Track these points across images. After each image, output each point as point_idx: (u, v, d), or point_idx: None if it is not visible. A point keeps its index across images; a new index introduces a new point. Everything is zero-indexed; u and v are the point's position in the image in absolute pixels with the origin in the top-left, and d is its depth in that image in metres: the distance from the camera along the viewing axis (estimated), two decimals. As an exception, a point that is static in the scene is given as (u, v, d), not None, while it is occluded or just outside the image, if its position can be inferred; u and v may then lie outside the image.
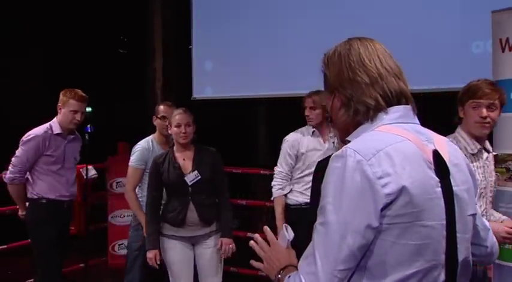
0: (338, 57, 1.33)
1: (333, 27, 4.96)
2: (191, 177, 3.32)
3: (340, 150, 1.21)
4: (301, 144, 3.64)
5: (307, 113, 3.62)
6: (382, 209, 1.14)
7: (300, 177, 3.64)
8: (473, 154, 2.46)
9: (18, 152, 3.58)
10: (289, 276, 1.23)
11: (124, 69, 6.53)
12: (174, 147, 3.41)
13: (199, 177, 3.31)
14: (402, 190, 1.15)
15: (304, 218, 3.24)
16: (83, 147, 3.95)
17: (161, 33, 6.32)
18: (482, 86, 2.44)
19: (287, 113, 4.32)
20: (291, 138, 3.68)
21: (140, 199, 3.78)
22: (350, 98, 1.29)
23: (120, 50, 7.21)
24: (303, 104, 3.65)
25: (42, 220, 3.63)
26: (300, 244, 1.37)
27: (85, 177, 4.39)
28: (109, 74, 6.52)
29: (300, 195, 3.61)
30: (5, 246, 4.23)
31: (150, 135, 3.97)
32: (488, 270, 2.82)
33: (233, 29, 5.68)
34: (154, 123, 3.92)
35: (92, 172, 4.35)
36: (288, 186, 3.69)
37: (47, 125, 3.67)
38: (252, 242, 1.44)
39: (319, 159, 3.09)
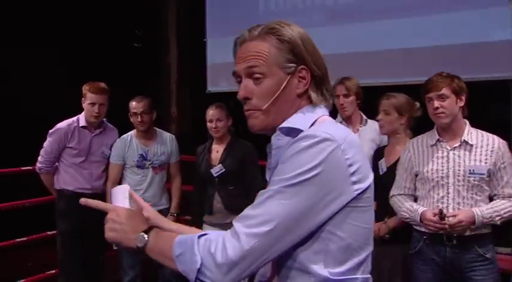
0: (300, 32, 1.32)
1: (349, 20, 5.02)
2: (216, 169, 3.56)
3: (310, 131, 1.23)
4: None
5: (341, 101, 3.37)
6: (350, 200, 1.20)
7: None
8: (432, 145, 2.74)
9: (44, 144, 3.75)
10: (200, 236, 1.20)
11: (139, 63, 6.62)
12: (214, 139, 3.67)
13: (223, 170, 3.52)
14: (368, 178, 1.23)
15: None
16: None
17: (175, 26, 6.41)
18: (432, 79, 2.68)
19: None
20: None
21: None
22: (321, 78, 1.33)
23: (135, 44, 7.29)
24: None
25: (63, 211, 3.76)
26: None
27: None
28: (124, 68, 6.61)
29: None
30: (25, 239, 4.35)
31: (158, 126, 4.08)
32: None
33: (247, 21, 5.71)
34: (131, 120, 3.88)
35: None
36: None
37: (74, 117, 3.79)
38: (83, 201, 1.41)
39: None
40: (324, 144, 1.17)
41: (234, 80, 1.42)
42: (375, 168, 3.16)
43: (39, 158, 3.77)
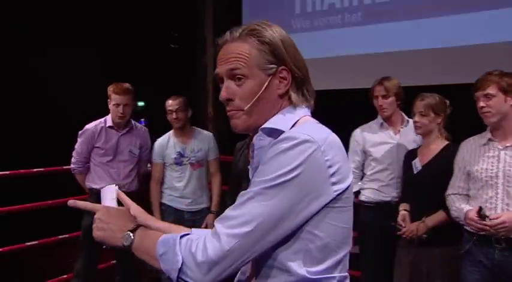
0: (281, 34, 1.35)
1: (387, 19, 4.98)
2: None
3: (290, 132, 1.24)
4: (367, 139, 3.46)
5: (379, 102, 3.37)
6: (329, 201, 1.22)
7: (371, 174, 3.46)
8: (483, 144, 2.71)
9: (76, 145, 3.89)
10: (183, 236, 1.22)
11: (175, 64, 6.71)
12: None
13: None
14: (347, 179, 1.26)
15: (377, 217, 3.39)
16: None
17: (212, 26, 6.47)
18: (479, 78, 2.65)
19: (350, 107, 4.27)
20: (355, 133, 3.54)
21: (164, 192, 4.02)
22: (302, 78, 1.35)
23: (172, 45, 7.38)
24: (371, 94, 3.42)
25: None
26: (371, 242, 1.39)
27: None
28: (161, 68, 6.71)
29: (374, 192, 3.45)
30: (67, 236, 4.49)
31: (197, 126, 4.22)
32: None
33: (284, 21, 5.70)
34: (168, 118, 4.00)
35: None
36: (358, 183, 3.50)
37: (102, 118, 3.90)
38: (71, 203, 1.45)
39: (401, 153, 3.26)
40: (304, 145, 1.19)
41: None
42: (408, 167, 3.18)
43: (72, 159, 3.91)
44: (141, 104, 4.95)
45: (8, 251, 4.14)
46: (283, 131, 1.27)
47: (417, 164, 3.11)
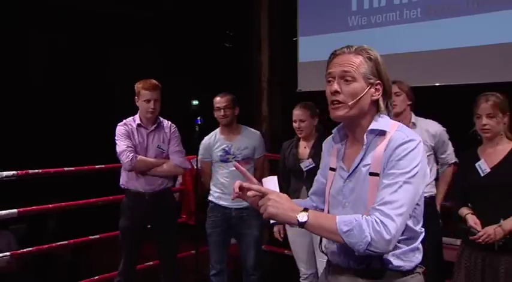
0: (380, 57, 1.87)
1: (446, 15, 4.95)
2: (306, 164, 3.77)
3: (409, 136, 1.78)
4: None
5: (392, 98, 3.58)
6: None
7: None
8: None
9: (117, 145, 3.88)
10: (357, 218, 1.72)
11: (230, 63, 6.84)
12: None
13: (313, 165, 3.69)
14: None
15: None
16: (186, 137, 4.18)
17: (267, 26, 6.50)
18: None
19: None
20: None
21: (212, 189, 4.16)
22: (389, 94, 1.89)
23: (226, 44, 7.51)
24: None
25: (121, 209, 4.01)
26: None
27: (195, 167, 4.82)
28: (216, 67, 6.84)
29: None
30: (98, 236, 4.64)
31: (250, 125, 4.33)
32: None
33: (340, 20, 5.76)
34: (215, 116, 4.13)
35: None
36: None
37: (130, 118, 3.95)
38: (245, 185, 1.88)
39: None
40: (420, 145, 1.78)
41: (324, 80, 1.91)
42: (469, 171, 3.11)
43: (123, 156, 3.80)
44: (195, 102, 5.08)
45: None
46: (385, 131, 1.81)
47: (483, 166, 3.03)
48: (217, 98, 4.09)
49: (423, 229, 1.88)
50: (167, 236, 4.04)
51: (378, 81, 1.85)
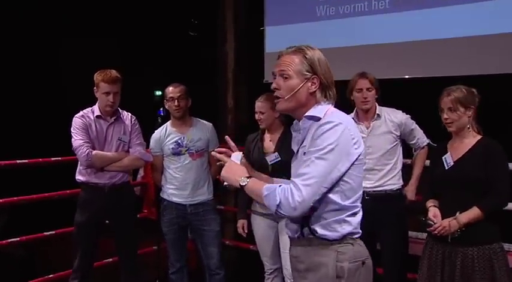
0: (319, 55, 2.21)
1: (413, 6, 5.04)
2: (272, 157, 3.80)
3: (329, 118, 2.11)
4: None
5: (364, 95, 3.71)
6: (354, 160, 2.13)
7: None
8: None
9: (73, 139, 3.81)
10: (277, 186, 2.11)
11: (194, 53, 6.79)
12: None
13: (279, 158, 3.73)
14: (361, 147, 2.15)
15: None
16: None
17: (232, 15, 6.48)
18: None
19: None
20: None
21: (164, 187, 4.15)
22: (327, 85, 2.21)
23: (191, 33, 7.46)
24: (351, 87, 3.76)
25: (78, 204, 3.96)
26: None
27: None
28: (179, 57, 6.76)
29: None
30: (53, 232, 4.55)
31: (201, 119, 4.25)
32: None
33: (307, 9, 5.77)
34: (166, 106, 4.11)
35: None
36: None
37: (88, 108, 3.90)
38: (213, 152, 2.36)
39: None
40: (338, 126, 2.08)
41: None
42: (436, 163, 3.22)
43: (80, 150, 3.74)
44: (158, 93, 5.03)
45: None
46: (319, 117, 2.14)
47: (448, 160, 3.14)
48: (170, 88, 4.05)
49: (357, 205, 2.21)
50: (126, 231, 4.02)
51: (314, 76, 2.19)
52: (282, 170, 3.55)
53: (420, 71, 5.11)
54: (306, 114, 2.21)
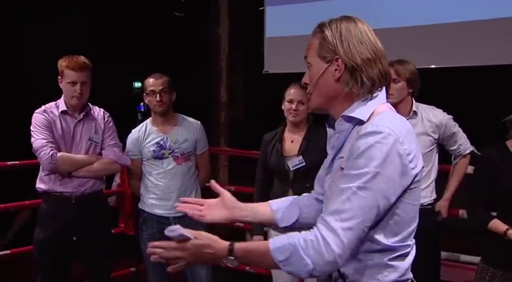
0: (346, 29, 1.80)
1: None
2: (295, 162, 3.63)
3: (374, 126, 1.70)
4: None
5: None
6: (409, 184, 1.73)
7: None
8: None
9: (33, 138, 3.69)
10: (292, 241, 1.68)
11: (181, 37, 6.67)
12: (286, 126, 3.78)
13: (304, 163, 3.59)
14: (419, 164, 1.76)
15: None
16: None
17: None
18: None
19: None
20: None
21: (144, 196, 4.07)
22: (359, 69, 1.78)
23: (177, 13, 7.41)
24: None
25: (38, 217, 3.82)
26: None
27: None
28: (164, 42, 6.68)
29: None
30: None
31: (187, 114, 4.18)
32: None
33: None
34: (146, 101, 4.04)
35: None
36: None
37: (52, 103, 3.77)
38: (151, 250, 1.78)
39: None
40: (387, 139, 1.67)
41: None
42: (498, 173, 3.04)
43: (42, 152, 3.60)
44: (138, 85, 4.95)
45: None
46: (362, 121, 1.76)
47: None
48: (151, 80, 3.96)
49: (408, 243, 1.81)
50: (98, 250, 3.85)
51: (336, 57, 1.80)
52: (306, 178, 3.46)
53: (449, 60, 5.06)
54: (344, 113, 1.80)
